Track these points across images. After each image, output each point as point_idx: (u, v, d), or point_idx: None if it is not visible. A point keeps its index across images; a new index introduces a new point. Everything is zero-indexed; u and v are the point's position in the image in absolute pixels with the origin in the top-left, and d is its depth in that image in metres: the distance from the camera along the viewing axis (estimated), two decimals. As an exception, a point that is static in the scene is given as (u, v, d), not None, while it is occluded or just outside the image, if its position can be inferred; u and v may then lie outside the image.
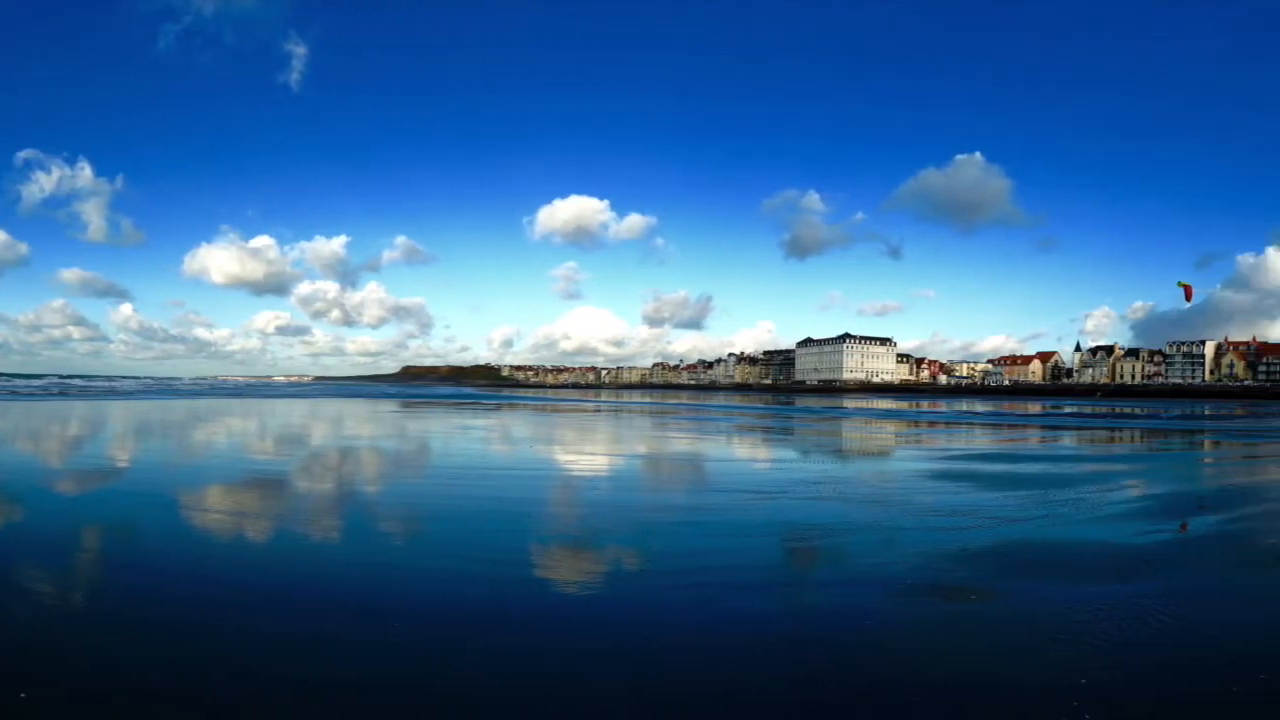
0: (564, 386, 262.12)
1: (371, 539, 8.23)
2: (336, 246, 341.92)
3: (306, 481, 12.94)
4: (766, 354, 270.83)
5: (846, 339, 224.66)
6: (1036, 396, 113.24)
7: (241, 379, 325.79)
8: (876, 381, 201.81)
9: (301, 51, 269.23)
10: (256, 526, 8.68)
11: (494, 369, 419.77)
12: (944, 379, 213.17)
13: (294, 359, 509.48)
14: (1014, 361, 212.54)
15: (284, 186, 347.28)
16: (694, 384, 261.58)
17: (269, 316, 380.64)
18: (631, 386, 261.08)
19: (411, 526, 8.97)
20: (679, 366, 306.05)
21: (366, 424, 29.68)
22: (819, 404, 67.96)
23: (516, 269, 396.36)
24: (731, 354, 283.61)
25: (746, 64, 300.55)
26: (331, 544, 7.95)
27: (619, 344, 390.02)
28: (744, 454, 20.17)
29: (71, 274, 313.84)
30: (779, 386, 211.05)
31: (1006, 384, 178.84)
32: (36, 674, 4.39)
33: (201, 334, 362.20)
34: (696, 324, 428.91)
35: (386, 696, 4.18)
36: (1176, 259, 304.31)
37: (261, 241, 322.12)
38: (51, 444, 19.88)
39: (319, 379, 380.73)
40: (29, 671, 4.40)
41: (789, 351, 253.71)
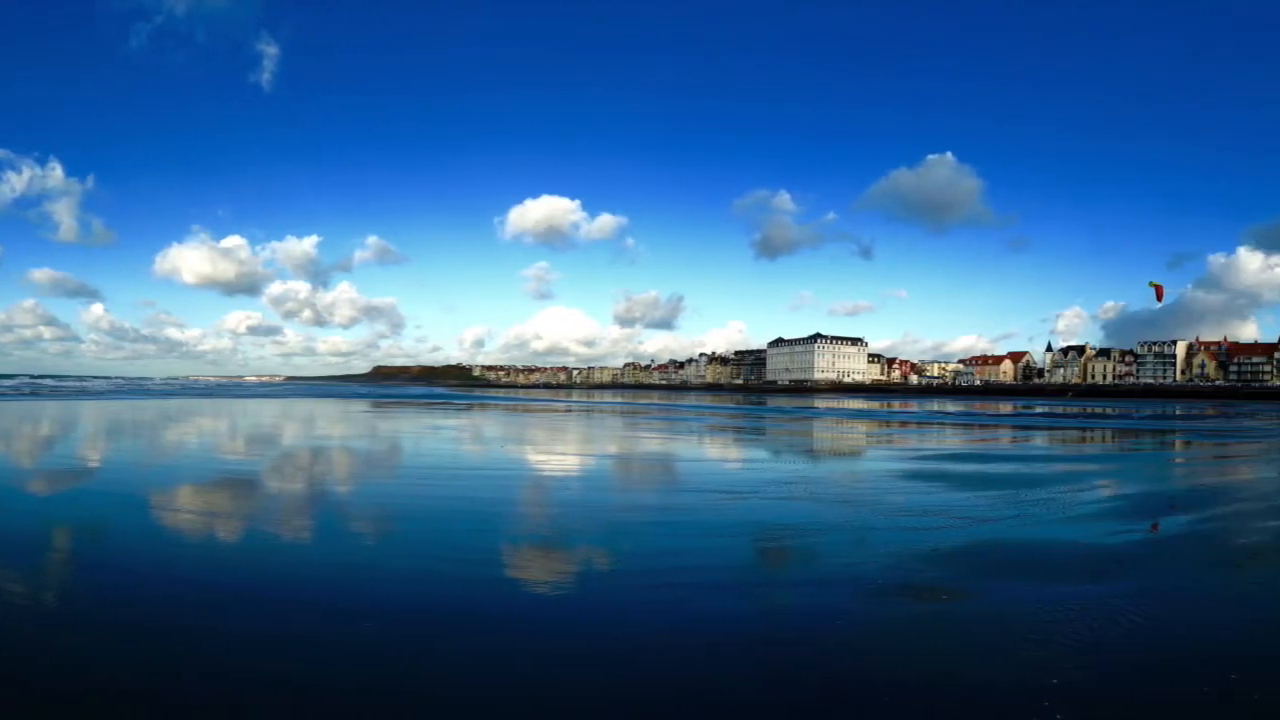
0: (535, 386, 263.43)
1: (342, 539, 8.27)
2: (308, 246, 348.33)
3: (277, 481, 12.98)
4: (738, 354, 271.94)
5: (818, 339, 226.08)
6: (1008, 396, 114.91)
7: (213, 379, 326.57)
8: (848, 382, 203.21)
9: (273, 51, 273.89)
10: (227, 527, 8.71)
11: (465, 369, 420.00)
12: (915, 379, 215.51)
13: (265, 359, 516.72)
14: (985, 361, 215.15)
15: (255, 186, 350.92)
16: (665, 384, 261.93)
17: (240, 316, 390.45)
18: (603, 386, 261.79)
19: (382, 526, 9.01)
20: (650, 366, 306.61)
21: (338, 424, 29.79)
22: (790, 404, 68.41)
23: (488, 269, 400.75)
24: (703, 354, 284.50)
25: (717, 64, 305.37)
26: (302, 544, 7.99)
27: (590, 344, 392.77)
28: (715, 454, 20.31)
29: (42, 274, 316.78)
30: (750, 386, 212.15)
31: (978, 384, 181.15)
32: (7, 674, 4.39)
33: (173, 334, 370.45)
34: (668, 324, 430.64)
35: (357, 697, 4.19)
36: (1148, 259, 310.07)
37: (233, 241, 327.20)
38: (23, 444, 19.83)
39: (290, 379, 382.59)
40: (-2, 672, 4.43)
41: (760, 351, 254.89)
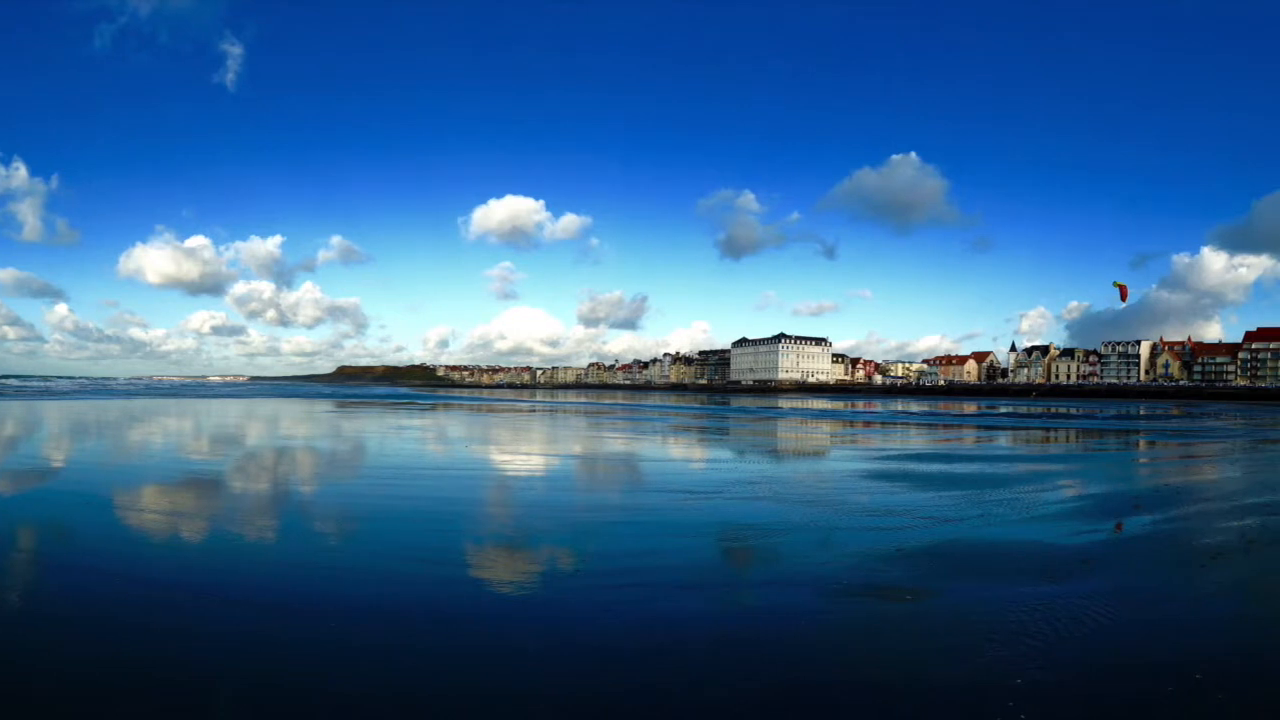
0: (499, 386, 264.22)
1: (306, 539, 8.37)
2: (272, 246, 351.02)
3: (242, 482, 13.07)
4: (702, 354, 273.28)
5: (782, 339, 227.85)
6: (972, 396, 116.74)
7: (177, 379, 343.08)
8: (812, 381, 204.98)
9: (237, 51, 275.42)
10: (192, 527, 8.80)
11: (429, 369, 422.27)
12: (879, 379, 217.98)
13: (229, 359, 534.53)
14: (949, 361, 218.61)
15: (220, 187, 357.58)
16: (629, 384, 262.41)
17: (204, 316, 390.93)
18: (567, 386, 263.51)
19: (346, 527, 9.09)
20: (614, 366, 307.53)
21: (302, 424, 30.10)
22: (754, 404, 68.89)
23: (452, 269, 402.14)
24: (667, 354, 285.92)
25: (681, 64, 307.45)
26: (266, 545, 8.07)
27: (554, 344, 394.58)
28: (680, 454, 20.45)
29: (6, 274, 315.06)
30: (714, 386, 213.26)
31: (942, 384, 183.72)
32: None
33: (137, 334, 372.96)
34: (632, 324, 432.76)
35: (321, 697, 4.23)
36: (1112, 259, 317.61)
37: (197, 241, 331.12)
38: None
39: (254, 379, 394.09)
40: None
41: (724, 351, 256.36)
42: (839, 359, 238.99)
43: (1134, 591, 6.38)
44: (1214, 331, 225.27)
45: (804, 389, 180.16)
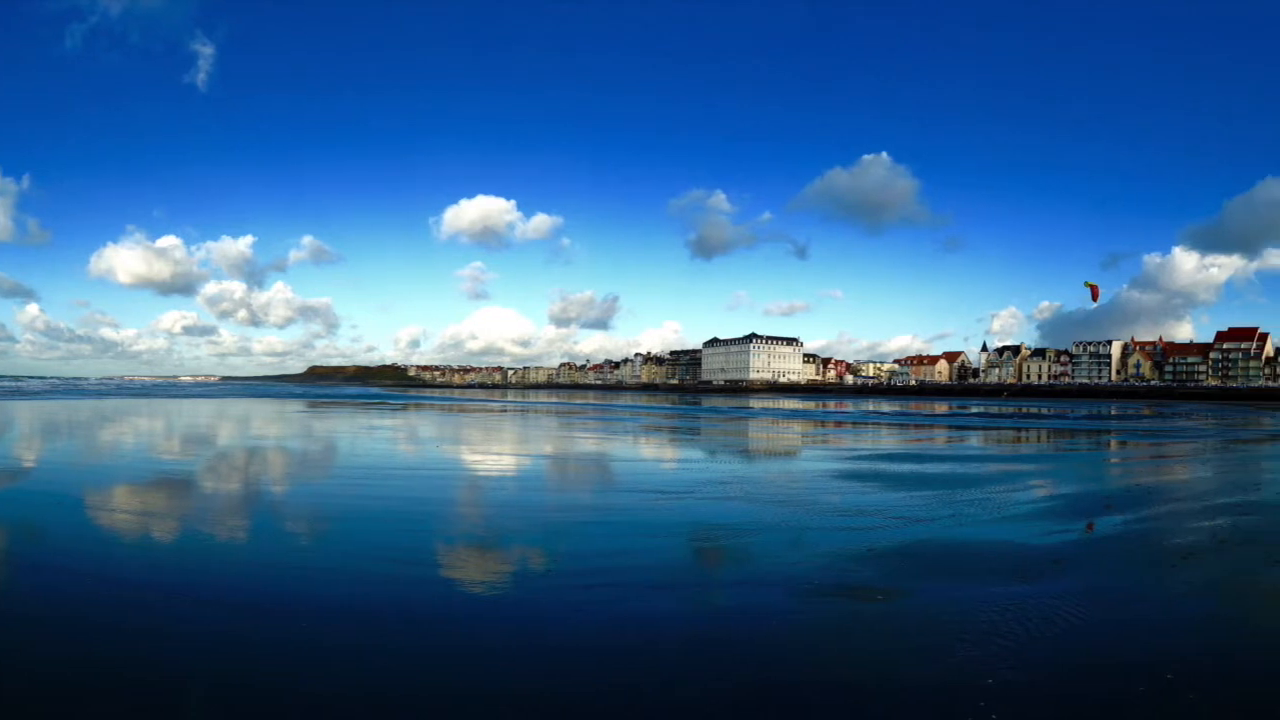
0: (470, 386, 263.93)
1: (277, 540, 8.42)
2: (243, 246, 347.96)
3: (213, 482, 13.17)
4: (673, 354, 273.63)
5: (753, 339, 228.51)
6: (943, 397, 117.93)
7: (148, 379, 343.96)
8: (783, 382, 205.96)
9: (208, 51, 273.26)
10: (164, 527, 8.86)
11: (400, 369, 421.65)
12: (850, 379, 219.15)
13: (200, 359, 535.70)
14: (920, 361, 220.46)
15: (191, 186, 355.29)
16: (600, 384, 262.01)
17: (175, 316, 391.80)
18: (538, 386, 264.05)
19: (317, 527, 9.17)
20: (585, 366, 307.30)
21: (273, 424, 30.38)
22: (726, 404, 69.17)
23: (423, 269, 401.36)
24: (638, 354, 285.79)
25: (652, 64, 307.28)
26: (238, 545, 8.14)
27: (525, 344, 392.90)
28: (651, 454, 20.59)
29: None
30: (685, 386, 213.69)
31: (913, 384, 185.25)
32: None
33: (108, 334, 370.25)
34: (603, 324, 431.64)
35: (293, 697, 4.26)
36: (1083, 259, 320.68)
37: (168, 241, 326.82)
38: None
39: (225, 379, 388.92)
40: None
41: (695, 351, 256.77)
42: (810, 359, 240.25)
43: (1105, 591, 6.45)
44: (1185, 331, 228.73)
45: (775, 389, 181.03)
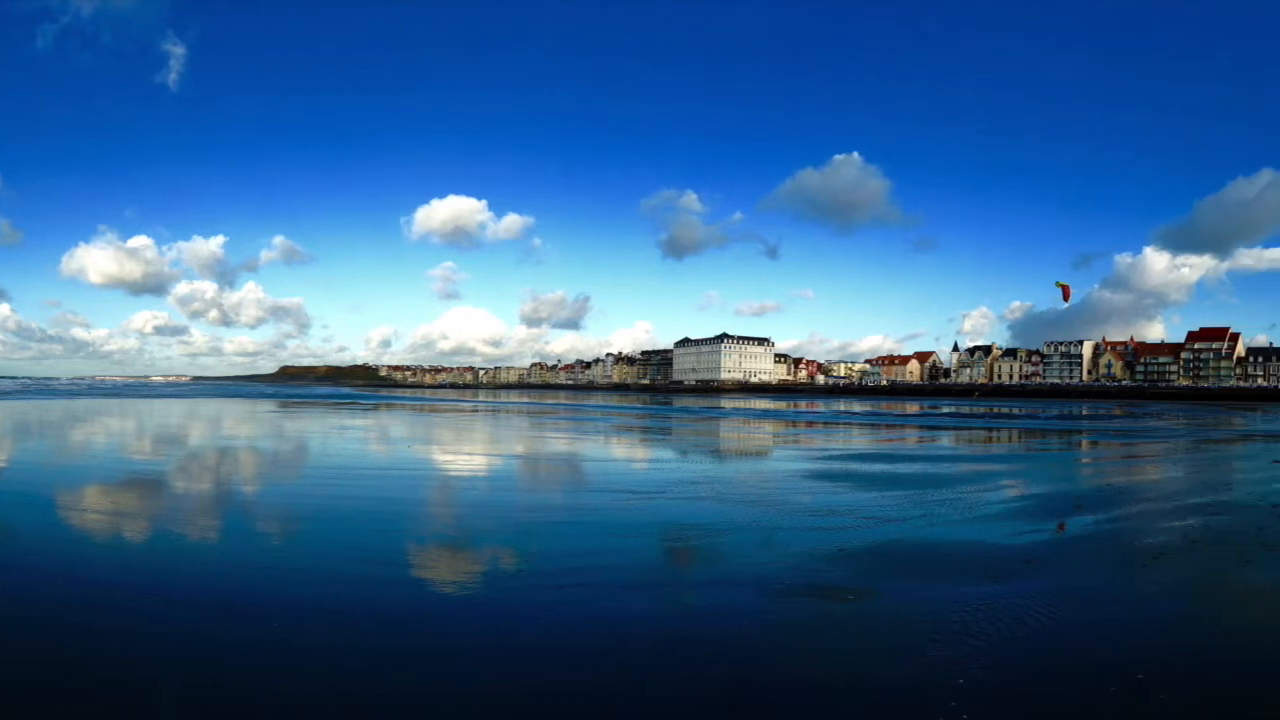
0: (442, 386, 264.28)
1: (248, 539, 8.48)
2: (214, 246, 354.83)
3: (184, 482, 13.26)
4: (644, 354, 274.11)
5: (724, 339, 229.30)
6: (914, 397, 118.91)
7: (119, 379, 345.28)
8: (754, 382, 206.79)
9: (180, 51, 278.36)
10: (135, 527, 8.94)
11: (372, 369, 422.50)
12: (822, 379, 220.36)
13: (172, 359, 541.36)
14: (892, 361, 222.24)
15: (162, 186, 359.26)
16: (572, 384, 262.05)
17: (147, 316, 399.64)
18: (509, 386, 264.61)
19: (289, 527, 9.24)
20: (557, 367, 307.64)
21: (244, 424, 30.51)
22: (697, 404, 69.39)
23: (394, 269, 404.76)
24: (609, 354, 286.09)
25: (624, 64, 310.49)
26: (209, 544, 8.19)
27: (497, 344, 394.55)
28: (622, 454, 20.69)
29: None
30: (657, 386, 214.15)
31: (884, 384, 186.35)
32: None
33: (79, 334, 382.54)
34: (574, 324, 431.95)
35: (264, 697, 4.36)
36: (1054, 259, 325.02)
37: (139, 241, 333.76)
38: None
39: (197, 379, 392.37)
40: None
41: (667, 351, 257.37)
42: (781, 359, 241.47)
43: (1077, 591, 6.51)
44: (1156, 331, 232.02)
45: (747, 389, 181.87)
